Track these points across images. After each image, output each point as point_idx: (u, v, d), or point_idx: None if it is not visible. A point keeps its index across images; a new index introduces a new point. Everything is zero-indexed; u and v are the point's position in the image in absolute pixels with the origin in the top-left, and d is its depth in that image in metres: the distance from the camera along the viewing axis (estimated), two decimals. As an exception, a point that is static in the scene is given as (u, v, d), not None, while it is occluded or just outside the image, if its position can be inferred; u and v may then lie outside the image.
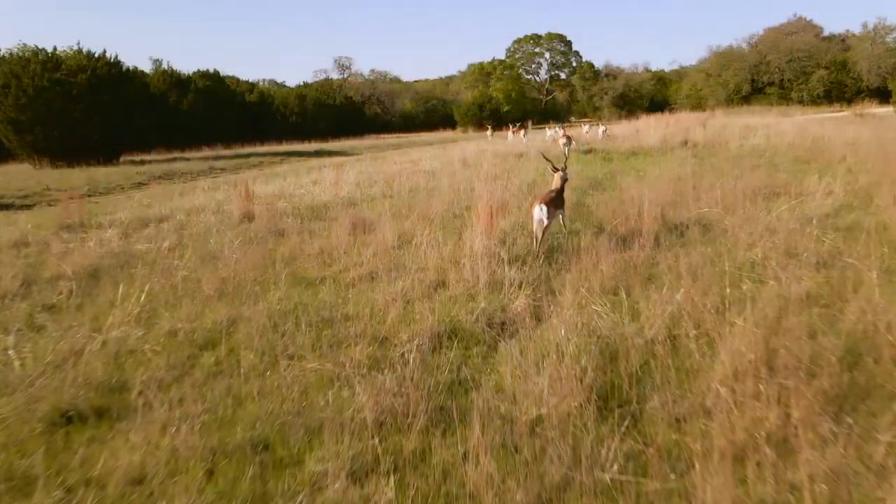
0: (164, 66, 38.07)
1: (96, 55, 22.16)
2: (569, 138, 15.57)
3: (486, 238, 5.28)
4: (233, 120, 37.32)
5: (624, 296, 4.06)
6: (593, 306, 3.75)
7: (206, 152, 26.74)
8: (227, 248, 5.83)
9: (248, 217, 7.53)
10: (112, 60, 22.48)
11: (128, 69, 23.94)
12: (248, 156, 24.01)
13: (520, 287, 4.22)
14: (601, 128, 23.15)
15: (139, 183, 15.59)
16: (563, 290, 4.27)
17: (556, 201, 5.41)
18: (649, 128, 21.69)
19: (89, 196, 13.44)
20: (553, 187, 5.75)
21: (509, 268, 4.68)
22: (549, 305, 4.03)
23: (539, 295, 4.18)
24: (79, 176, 16.44)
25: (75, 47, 22.47)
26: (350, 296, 4.43)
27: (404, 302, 4.16)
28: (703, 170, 9.38)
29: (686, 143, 14.54)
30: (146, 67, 40.01)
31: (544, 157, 6.67)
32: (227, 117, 37.08)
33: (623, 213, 6.32)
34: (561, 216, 5.73)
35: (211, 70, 39.75)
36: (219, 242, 6.11)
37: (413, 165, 14.12)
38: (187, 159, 22.62)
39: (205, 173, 18.06)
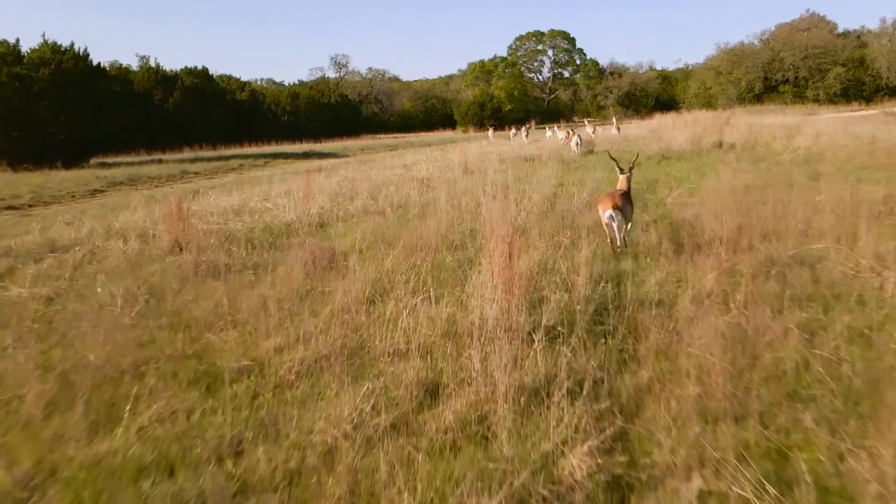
0: (152, 62, 36.27)
1: (63, 48, 20.22)
2: (580, 138, 14.56)
3: (502, 294, 3.40)
4: (222, 119, 35.43)
5: (769, 437, 2.20)
6: (733, 486, 1.86)
7: (187, 154, 24.82)
8: (119, 305, 3.94)
9: (180, 245, 5.65)
10: (80, 53, 20.54)
11: (98, 63, 21.97)
12: (230, 158, 22.08)
13: (570, 406, 2.34)
14: (614, 128, 21.45)
15: (95, 190, 13.69)
16: (644, 408, 2.45)
17: (625, 204, 4.77)
18: (668, 127, 19.80)
19: (29, 206, 11.56)
20: (619, 188, 5.13)
21: (543, 356, 2.82)
22: (629, 454, 2.17)
23: (606, 427, 2.31)
24: (30, 181, 14.53)
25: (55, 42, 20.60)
26: (273, 415, 2.56)
27: (361, 443, 2.28)
28: (765, 179, 7.50)
29: (721, 144, 12.65)
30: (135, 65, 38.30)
31: (610, 155, 5.91)
32: (217, 116, 35.20)
33: (696, 246, 4.46)
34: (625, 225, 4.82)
35: (199, 67, 37.85)
36: (109, 293, 4.20)
37: (406, 171, 12.25)
38: (161, 162, 20.70)
39: (175, 178, 16.14)
